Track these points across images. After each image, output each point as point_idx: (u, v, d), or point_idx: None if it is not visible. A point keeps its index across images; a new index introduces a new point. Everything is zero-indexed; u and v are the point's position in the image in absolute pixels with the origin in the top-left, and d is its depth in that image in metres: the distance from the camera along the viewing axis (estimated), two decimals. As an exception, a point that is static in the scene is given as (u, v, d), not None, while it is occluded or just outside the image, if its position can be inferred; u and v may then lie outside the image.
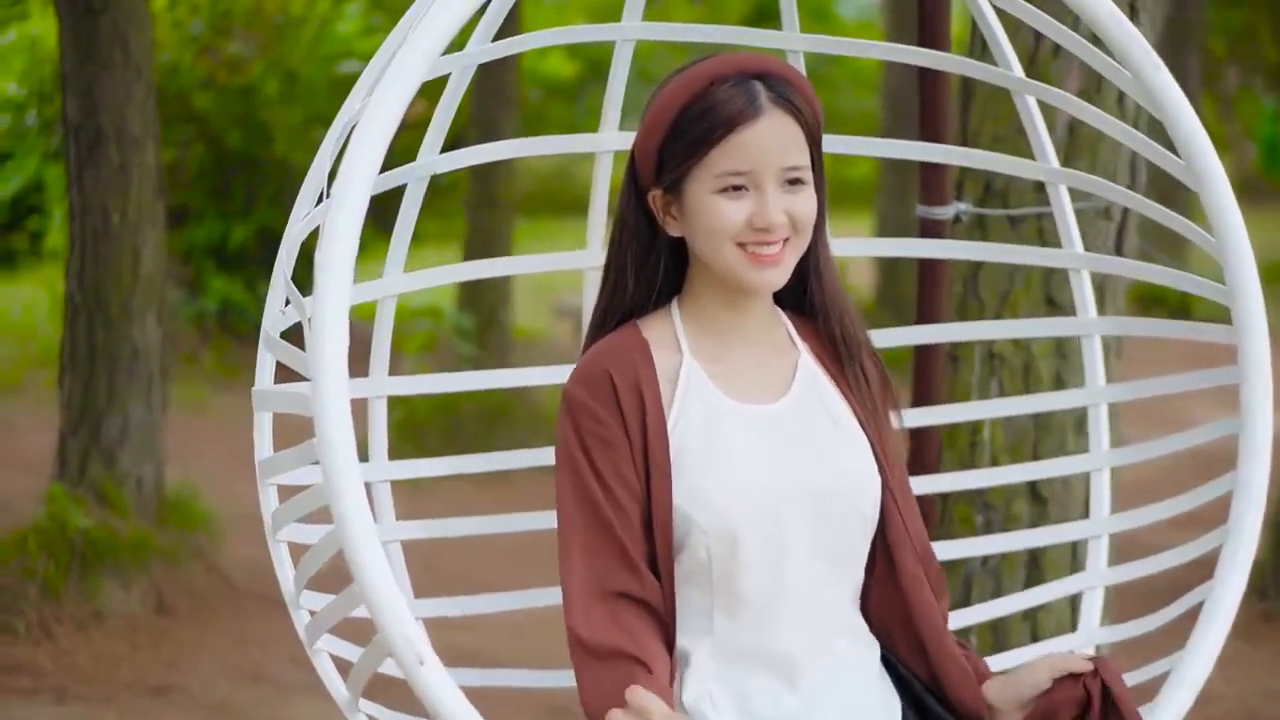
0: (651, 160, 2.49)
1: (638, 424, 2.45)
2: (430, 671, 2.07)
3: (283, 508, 2.51)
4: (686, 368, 2.50)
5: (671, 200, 2.49)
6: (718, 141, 2.41)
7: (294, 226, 2.66)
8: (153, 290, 6.51)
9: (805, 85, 2.49)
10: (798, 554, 2.45)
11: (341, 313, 2.11)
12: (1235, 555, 2.52)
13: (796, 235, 2.46)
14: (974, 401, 3.65)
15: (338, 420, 2.08)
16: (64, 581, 6.03)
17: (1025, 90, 3.05)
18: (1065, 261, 3.18)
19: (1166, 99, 2.56)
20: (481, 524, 3.02)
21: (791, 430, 2.50)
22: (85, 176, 6.39)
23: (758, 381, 2.53)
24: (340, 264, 2.13)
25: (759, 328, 2.57)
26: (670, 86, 2.47)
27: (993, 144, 3.91)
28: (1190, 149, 2.57)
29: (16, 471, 7.69)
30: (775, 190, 2.43)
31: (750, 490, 2.43)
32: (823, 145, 2.54)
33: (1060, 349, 3.96)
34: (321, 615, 2.46)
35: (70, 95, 6.39)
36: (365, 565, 2.06)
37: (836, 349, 2.59)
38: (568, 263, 3.15)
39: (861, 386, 2.58)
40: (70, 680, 5.61)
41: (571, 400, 2.45)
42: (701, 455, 2.44)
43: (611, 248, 2.57)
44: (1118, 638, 3.02)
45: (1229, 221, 2.57)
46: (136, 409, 6.50)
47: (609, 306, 2.57)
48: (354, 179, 2.16)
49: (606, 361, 2.48)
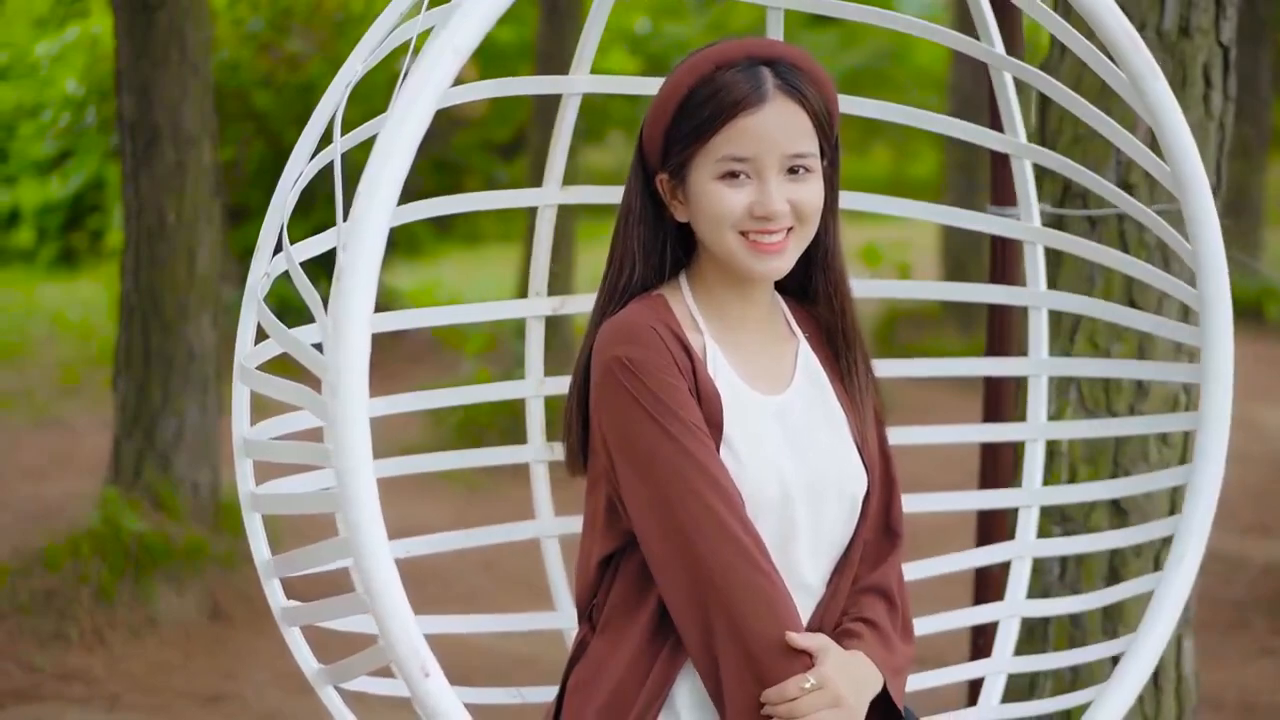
0: (658, 144, 2.48)
1: (690, 375, 2.44)
2: (435, 683, 2.07)
3: (272, 497, 2.60)
4: (710, 348, 2.49)
5: (677, 185, 2.48)
6: (720, 127, 2.41)
7: (285, 189, 2.70)
8: (208, 291, 6.42)
9: (818, 72, 2.48)
10: (802, 544, 2.47)
11: (365, 323, 2.05)
12: (1185, 547, 2.74)
13: (801, 225, 2.46)
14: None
15: (357, 428, 2.03)
16: (117, 587, 5.95)
17: (1004, 67, 3.11)
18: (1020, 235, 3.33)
19: (1161, 108, 2.61)
20: (453, 539, 3.05)
21: (797, 422, 2.51)
22: (141, 175, 6.30)
23: (765, 369, 2.54)
24: (365, 270, 2.06)
25: (763, 314, 2.58)
26: (678, 70, 2.46)
27: (1072, 144, 3.84)
28: (1177, 158, 2.65)
29: (73, 474, 7.63)
30: (778, 178, 2.42)
31: (774, 476, 2.44)
32: (835, 133, 2.54)
33: (1141, 354, 3.82)
34: (313, 610, 2.49)
35: (126, 93, 6.31)
36: (378, 581, 2.04)
37: (834, 339, 2.61)
38: (530, 199, 3.15)
39: (852, 376, 2.59)
40: (123, 688, 5.54)
41: (629, 360, 2.41)
42: (733, 436, 2.44)
43: (617, 231, 2.56)
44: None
45: (1206, 232, 2.69)
46: (192, 412, 6.41)
47: (616, 288, 2.54)
48: (377, 198, 2.08)
49: (644, 319, 2.45)
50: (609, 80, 3.12)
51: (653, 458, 2.38)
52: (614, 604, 2.50)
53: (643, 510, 2.40)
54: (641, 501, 2.40)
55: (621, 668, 2.45)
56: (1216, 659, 5.52)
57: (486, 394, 3.19)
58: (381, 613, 2.04)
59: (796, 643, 2.36)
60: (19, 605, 5.84)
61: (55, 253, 15.69)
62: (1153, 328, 3.09)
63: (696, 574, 2.35)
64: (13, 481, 8.09)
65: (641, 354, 2.40)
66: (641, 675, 2.44)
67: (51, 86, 15.07)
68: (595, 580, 2.54)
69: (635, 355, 2.40)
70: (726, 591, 2.34)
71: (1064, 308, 3.33)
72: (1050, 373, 3.34)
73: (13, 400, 10.14)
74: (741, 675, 2.35)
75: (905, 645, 2.58)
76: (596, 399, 2.46)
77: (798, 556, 2.47)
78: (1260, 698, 5.36)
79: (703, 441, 2.39)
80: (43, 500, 7.40)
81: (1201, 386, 2.75)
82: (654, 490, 2.38)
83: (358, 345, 2.03)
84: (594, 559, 2.53)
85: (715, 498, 2.35)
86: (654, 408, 2.38)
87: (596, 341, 2.48)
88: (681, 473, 2.36)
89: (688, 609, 2.38)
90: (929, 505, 3.31)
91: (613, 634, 2.49)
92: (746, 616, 2.34)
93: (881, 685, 2.47)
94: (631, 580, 2.48)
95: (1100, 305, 3.24)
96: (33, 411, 9.85)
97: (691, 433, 2.38)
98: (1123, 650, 2.77)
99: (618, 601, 2.50)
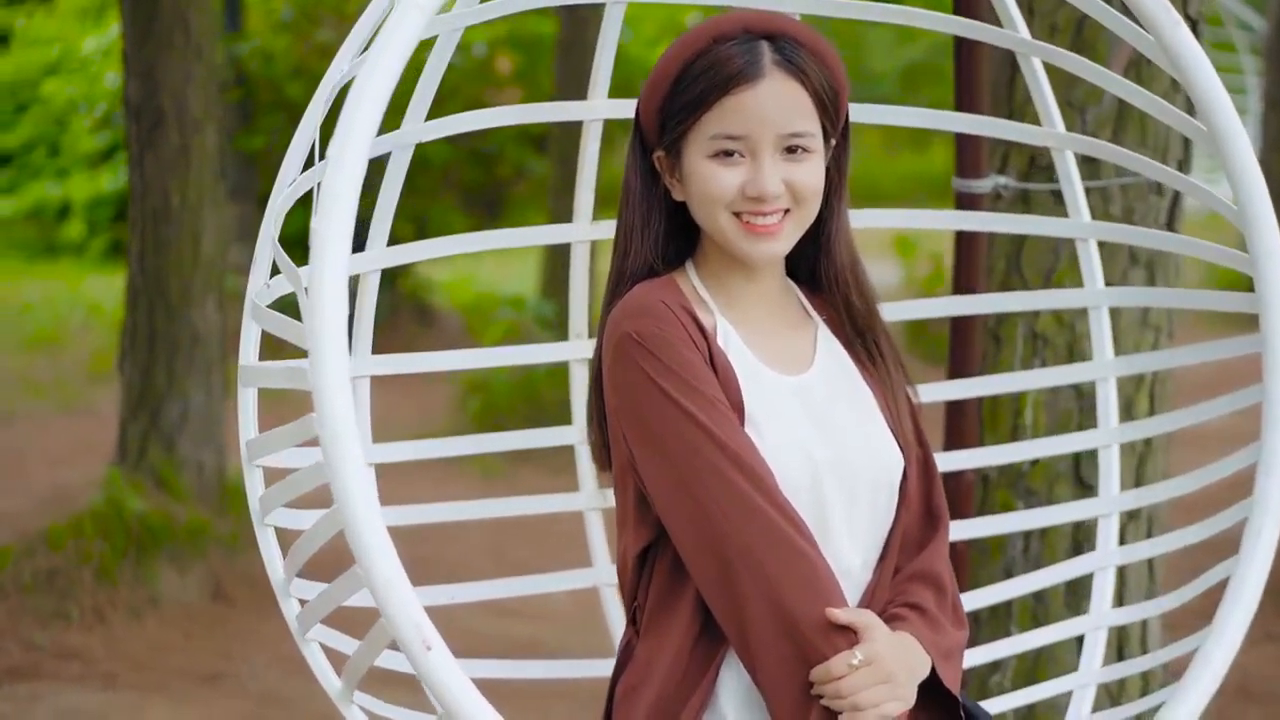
0: (654, 119, 2.39)
1: (705, 351, 2.32)
2: (437, 657, 1.95)
3: (274, 489, 2.39)
4: (722, 326, 2.38)
5: (674, 162, 2.38)
6: (713, 103, 2.30)
7: (280, 193, 2.53)
8: (213, 274, 6.45)
9: (821, 47, 2.35)
10: (839, 528, 2.33)
11: (341, 279, 1.99)
12: (1260, 530, 2.37)
13: (798, 207, 2.34)
14: (986, 376, 3.47)
15: (338, 392, 1.97)
16: (120, 567, 5.97)
17: (1032, 52, 2.92)
18: (1070, 231, 3.10)
19: (1185, 57, 2.41)
20: (462, 510, 2.94)
21: (821, 403, 2.38)
22: (146, 159, 6.34)
23: (782, 350, 2.42)
24: (339, 228, 2.01)
25: (774, 297, 2.46)
26: (676, 43, 2.36)
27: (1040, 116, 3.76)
28: (1209, 109, 2.40)
29: (94, 460, 7.66)
30: (773, 158, 2.31)
31: (801, 456, 2.30)
32: (844, 112, 2.40)
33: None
34: (317, 601, 2.33)
35: (131, 76, 6.35)
36: (369, 546, 1.94)
37: (850, 324, 2.47)
38: (558, 236, 3.05)
39: (877, 362, 2.46)
40: (121, 667, 5.56)
41: (641, 335, 2.29)
42: (755, 414, 2.32)
43: (621, 210, 2.45)
44: (1130, 619, 2.99)
45: (1251, 185, 2.41)
46: (196, 394, 6.45)
47: (622, 271, 2.43)
48: (352, 140, 2.03)
49: (655, 296, 2.34)
50: (627, 105, 2.97)
51: (669, 436, 2.25)
52: (654, 602, 2.36)
53: (665, 495, 2.27)
54: (663, 486, 2.27)
55: (664, 668, 2.31)
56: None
57: (522, 356, 3.12)
58: (377, 586, 1.94)
59: (839, 619, 2.20)
60: (21, 584, 5.87)
61: (105, 245, 15.77)
62: (1204, 303, 2.88)
63: (724, 557, 2.22)
64: (36, 466, 8.16)
65: (654, 327, 2.28)
66: (685, 673, 2.31)
67: (100, 81, 15.19)
68: (635, 579, 2.40)
69: (646, 329, 2.28)
70: (758, 571, 2.21)
71: (1123, 302, 3.19)
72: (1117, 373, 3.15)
73: (45, 388, 10.23)
74: (783, 657, 2.21)
75: (956, 630, 2.41)
76: (610, 380, 2.33)
77: (837, 540, 2.32)
78: (1259, 684, 5.31)
79: (725, 415, 2.26)
80: (61, 484, 7.45)
81: (1264, 353, 2.43)
82: (674, 472, 2.25)
83: (333, 309, 1.98)
84: (631, 556, 2.39)
85: (738, 473, 2.22)
86: (670, 383, 2.25)
87: (608, 324, 2.36)
88: (701, 450, 2.23)
89: (722, 595, 2.24)
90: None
91: (655, 634, 2.35)
92: (783, 595, 2.20)
93: (930, 668, 2.31)
94: (666, 574, 2.34)
95: (1155, 293, 3.13)
96: (63, 399, 9.94)
97: (713, 406, 2.26)
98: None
99: (656, 598, 2.36)
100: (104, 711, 5.19)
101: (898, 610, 2.35)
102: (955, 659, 2.38)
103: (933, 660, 2.31)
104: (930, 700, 2.31)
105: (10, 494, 7.48)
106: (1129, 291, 3.24)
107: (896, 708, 2.21)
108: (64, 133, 16.36)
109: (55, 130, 16.48)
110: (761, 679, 2.23)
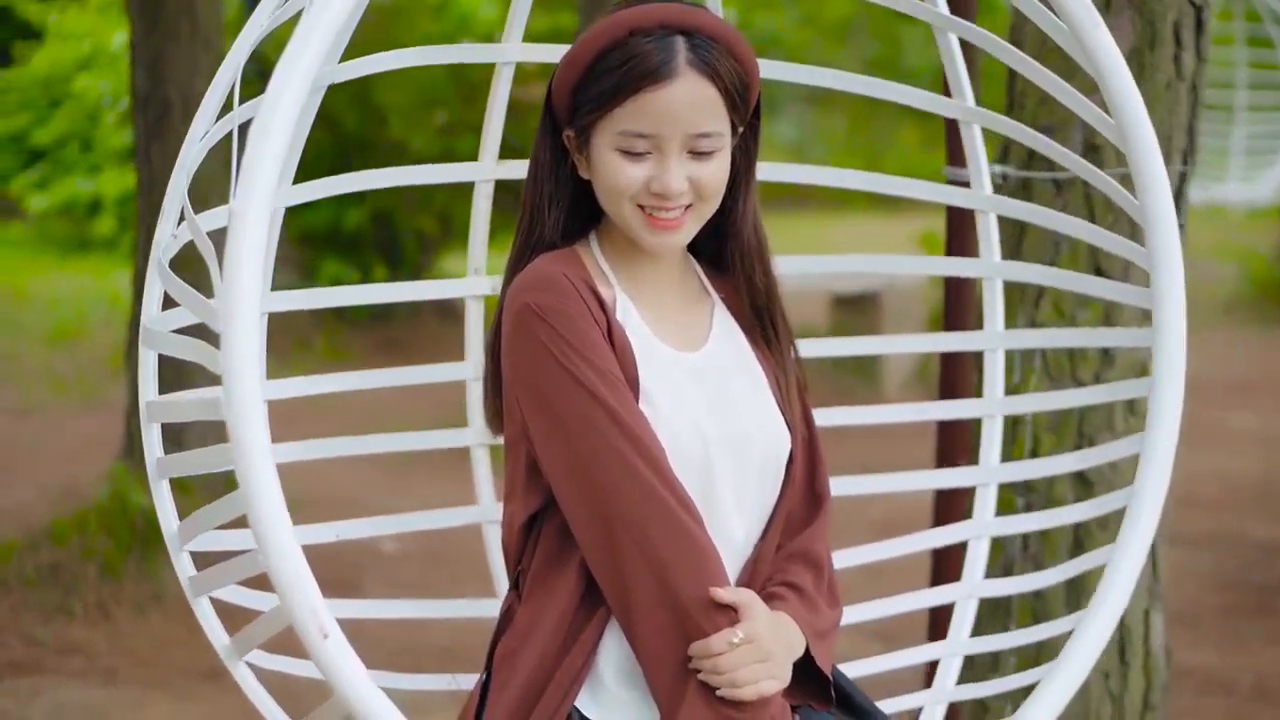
0: (566, 100, 2.41)
1: (604, 326, 2.36)
2: (334, 645, 1.97)
3: (173, 458, 2.50)
4: (621, 301, 2.43)
5: (582, 144, 2.41)
6: (625, 100, 2.33)
7: (192, 145, 2.59)
8: (219, 268, 6.40)
9: (737, 44, 2.38)
10: (727, 502, 2.40)
11: (262, 221, 1.95)
12: (1139, 517, 2.54)
13: (701, 202, 2.40)
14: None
15: (246, 327, 1.95)
16: (124, 562, 5.94)
17: (949, 28, 2.96)
18: (976, 204, 3.20)
19: (1101, 58, 2.50)
20: (350, 444, 2.96)
21: (713, 380, 2.44)
22: (152, 150, 6.30)
23: (679, 327, 2.48)
24: (266, 167, 1.97)
25: (674, 274, 2.52)
26: (594, 28, 2.38)
27: (1038, 107, 3.71)
28: (1121, 109, 2.52)
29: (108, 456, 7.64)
30: (679, 157, 2.36)
31: (693, 431, 2.38)
32: (753, 106, 2.45)
33: (1108, 321, 3.70)
34: (213, 574, 2.40)
35: (138, 66, 6.31)
36: (272, 538, 1.96)
37: (750, 303, 2.53)
38: (461, 174, 3.05)
39: (772, 342, 2.53)
40: (123, 663, 5.53)
41: (540, 307, 2.32)
42: (650, 389, 2.37)
43: (527, 185, 2.50)
44: (1002, 591, 3.12)
45: (1154, 185, 2.54)
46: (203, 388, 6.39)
47: (526, 242, 2.48)
48: (296, 73, 1.99)
49: (558, 269, 2.38)
50: (544, 49, 2.95)
51: (565, 409, 2.30)
52: (538, 568, 2.42)
53: (557, 466, 2.32)
54: (555, 457, 2.32)
55: (546, 633, 2.36)
56: (1238, 644, 5.38)
57: (423, 375, 3.07)
58: (279, 576, 1.96)
59: (721, 598, 2.28)
60: (24, 579, 5.85)
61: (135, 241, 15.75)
62: (1106, 293, 2.93)
63: (614, 530, 2.28)
64: (49, 460, 8.16)
65: (554, 300, 2.33)
66: (566, 638, 2.36)
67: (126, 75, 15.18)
68: (520, 545, 2.45)
69: (546, 302, 2.33)
70: (646, 547, 2.26)
71: (1021, 278, 3.22)
72: (1005, 346, 3.22)
73: (66, 383, 10.22)
74: (664, 631, 2.27)
75: (831, 610, 2.50)
76: (507, 350, 2.38)
77: (724, 514, 2.40)
78: (1275, 683, 5.22)
79: (619, 390, 2.31)
80: (70, 479, 7.44)
81: (1153, 347, 2.57)
82: (567, 444, 2.30)
83: (253, 240, 1.96)
84: (517, 523, 2.44)
85: (631, 450, 2.28)
86: (566, 356, 2.30)
87: (508, 295, 2.41)
88: (596, 425, 2.28)
89: (608, 567, 2.30)
90: (886, 486, 3.18)
91: (538, 600, 2.40)
92: (669, 572, 2.26)
93: (804, 648, 2.39)
94: (554, 541, 2.40)
95: (1053, 273, 3.12)
96: (83, 393, 9.93)
97: (608, 381, 2.31)
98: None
99: (541, 564, 2.41)
100: (105, 707, 5.16)
101: (776, 589, 2.43)
102: (829, 638, 2.47)
103: (808, 640, 2.39)
104: (804, 678, 2.40)
105: (20, 488, 7.47)
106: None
107: (773, 686, 2.29)
108: (96, 128, 16.36)
109: (87, 125, 16.48)
110: (641, 651, 2.30)
